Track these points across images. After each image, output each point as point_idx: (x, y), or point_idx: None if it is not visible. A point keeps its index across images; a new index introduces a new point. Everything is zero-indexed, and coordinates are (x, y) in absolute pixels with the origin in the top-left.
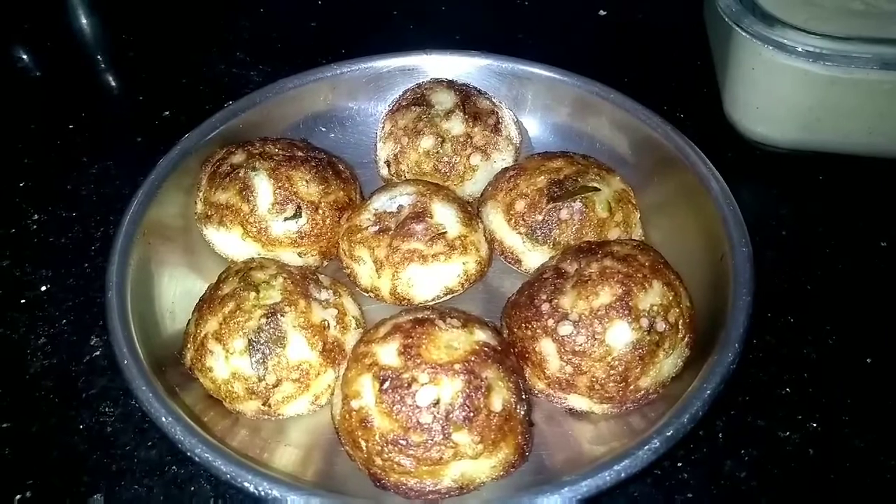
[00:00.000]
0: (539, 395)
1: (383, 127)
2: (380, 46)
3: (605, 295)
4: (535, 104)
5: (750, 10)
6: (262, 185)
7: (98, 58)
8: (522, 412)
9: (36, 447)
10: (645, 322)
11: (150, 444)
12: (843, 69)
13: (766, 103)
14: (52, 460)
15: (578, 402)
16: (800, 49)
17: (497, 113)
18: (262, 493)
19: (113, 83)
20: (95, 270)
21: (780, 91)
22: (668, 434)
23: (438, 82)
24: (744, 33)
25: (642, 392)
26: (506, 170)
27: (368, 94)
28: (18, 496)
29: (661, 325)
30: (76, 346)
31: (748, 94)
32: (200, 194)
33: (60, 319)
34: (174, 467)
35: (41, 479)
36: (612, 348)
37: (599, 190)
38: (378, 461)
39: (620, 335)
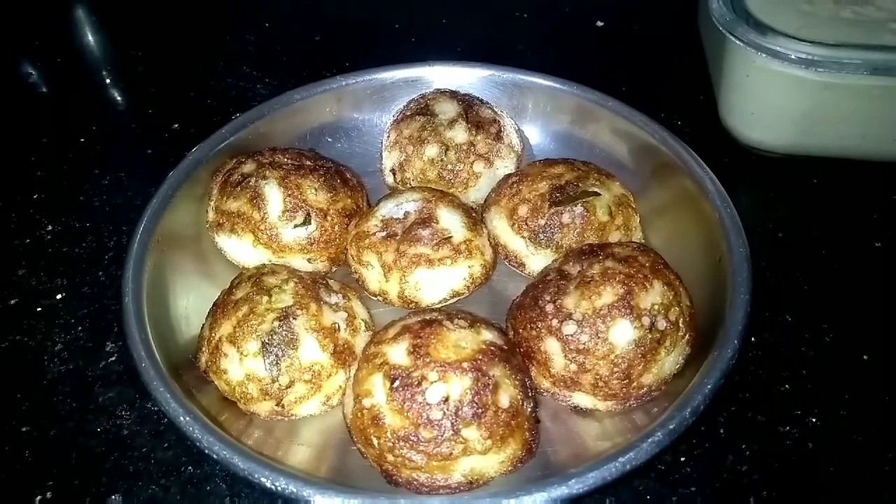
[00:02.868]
0: (545, 394)
1: (388, 136)
2: (383, 59)
3: (608, 295)
4: (535, 112)
5: (743, 18)
6: (273, 194)
7: (106, 73)
8: (529, 409)
9: (55, 450)
10: (646, 320)
11: (166, 445)
12: (835, 75)
13: (761, 109)
14: (70, 462)
15: (583, 399)
16: (792, 56)
17: (499, 122)
18: (279, 489)
19: (121, 97)
20: (109, 278)
21: (773, 97)
22: (671, 427)
23: (441, 93)
24: (737, 41)
25: (645, 389)
26: (508, 176)
27: (373, 105)
28: (39, 497)
29: (662, 324)
30: (92, 352)
31: (743, 100)
32: (212, 203)
33: (76, 326)
34: (190, 467)
35: (61, 481)
36: (615, 346)
37: (600, 195)
38: (390, 457)
39: (623, 333)
